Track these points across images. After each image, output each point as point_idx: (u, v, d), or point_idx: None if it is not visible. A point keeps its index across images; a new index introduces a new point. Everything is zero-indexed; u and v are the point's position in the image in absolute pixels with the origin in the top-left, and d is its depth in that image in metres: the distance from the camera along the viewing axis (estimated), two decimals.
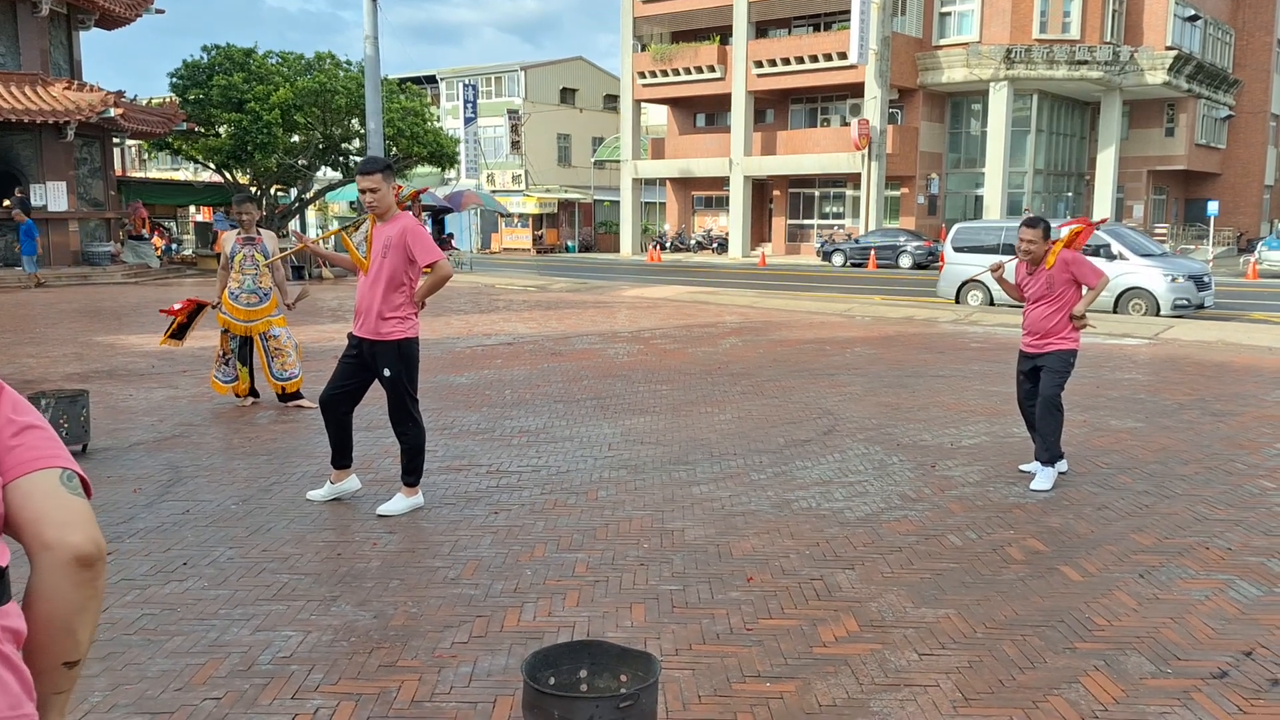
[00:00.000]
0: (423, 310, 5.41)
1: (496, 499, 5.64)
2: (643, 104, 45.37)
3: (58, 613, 1.29)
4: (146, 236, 29.72)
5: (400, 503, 5.34)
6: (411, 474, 5.38)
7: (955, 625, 3.94)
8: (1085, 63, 34.82)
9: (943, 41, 37.64)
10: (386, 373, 5.19)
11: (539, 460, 6.56)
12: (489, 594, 4.24)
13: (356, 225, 5.69)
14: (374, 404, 6.65)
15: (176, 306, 8.58)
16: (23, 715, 1.26)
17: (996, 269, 6.50)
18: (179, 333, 8.62)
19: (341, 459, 5.52)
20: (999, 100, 35.90)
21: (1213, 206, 33.84)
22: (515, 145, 48.15)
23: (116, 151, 33.09)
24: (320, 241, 6.13)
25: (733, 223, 40.97)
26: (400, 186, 5.35)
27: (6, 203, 23.39)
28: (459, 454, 6.72)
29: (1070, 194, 40.70)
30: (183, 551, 4.78)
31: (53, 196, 24.34)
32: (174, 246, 32.87)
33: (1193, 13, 38.23)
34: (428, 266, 5.16)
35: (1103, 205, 37.10)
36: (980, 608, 4.11)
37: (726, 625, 3.94)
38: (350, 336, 5.34)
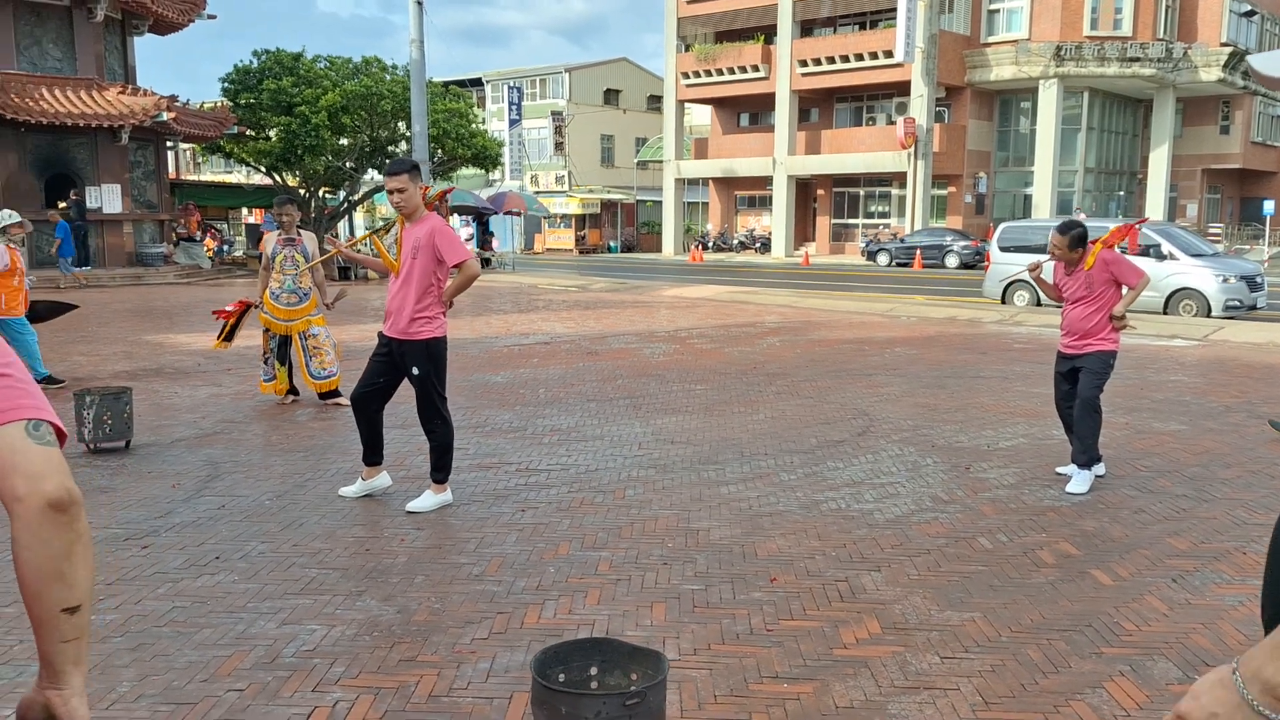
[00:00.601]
0: (450, 310, 5.46)
1: (524, 497, 5.67)
2: (686, 104, 45.33)
3: (42, 560, 1.30)
4: (198, 238, 30.28)
5: (429, 499, 5.39)
6: (440, 471, 5.43)
7: (980, 629, 3.89)
8: (1137, 60, 34.19)
9: (991, 39, 37.16)
10: (415, 371, 5.25)
11: (568, 459, 6.59)
12: (511, 591, 4.26)
13: (387, 228, 5.76)
14: (408, 402, 6.70)
15: (229, 309, 8.72)
16: None
17: (1034, 269, 6.40)
18: (229, 335, 8.77)
19: (373, 456, 5.59)
20: (1049, 98, 35.37)
21: (1269, 205, 33.06)
22: (559, 146, 48.36)
23: (171, 155, 33.78)
24: (354, 246, 6.20)
25: (776, 222, 40.81)
26: (427, 187, 5.40)
27: (63, 204, 23.96)
28: (490, 452, 6.77)
29: (1122, 193, 39.97)
30: (216, 545, 4.86)
31: (108, 199, 24.88)
32: (225, 248, 33.44)
33: (1249, 8, 37.40)
34: (455, 266, 5.20)
35: (1155, 204, 36.40)
36: (1007, 611, 4.05)
37: (747, 625, 3.92)
38: (380, 336, 5.41)
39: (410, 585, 4.34)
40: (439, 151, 29.98)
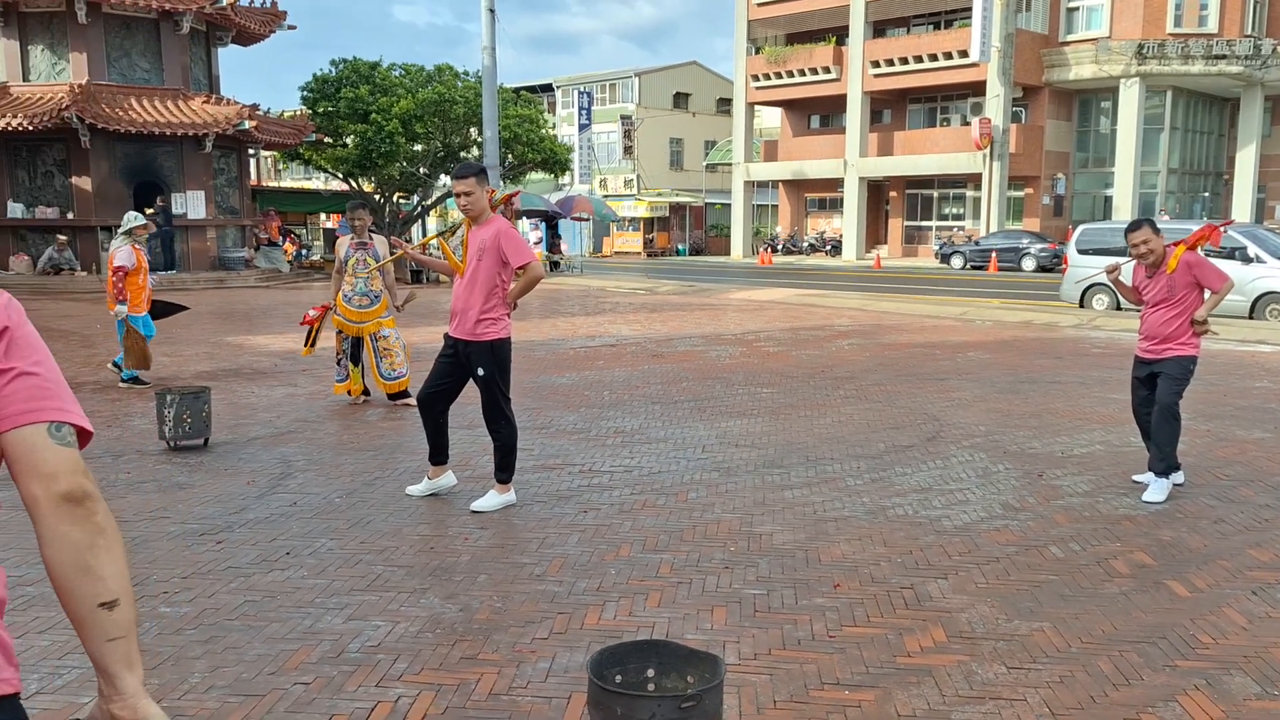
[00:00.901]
0: (516, 311, 5.51)
1: (587, 498, 5.70)
2: (756, 106, 45.15)
3: (66, 555, 1.32)
4: (279, 243, 31.02)
5: (493, 499, 5.45)
6: (504, 471, 5.48)
7: (1049, 639, 3.79)
8: (1223, 57, 33.08)
9: (1070, 37, 36.29)
10: (480, 372, 5.31)
11: (632, 461, 6.60)
12: (572, 591, 4.28)
13: (453, 230, 5.83)
14: (474, 403, 6.78)
15: (312, 314, 8.88)
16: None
17: (1113, 270, 6.24)
18: (314, 340, 8.92)
19: (438, 455, 5.67)
20: (1130, 97, 34.42)
21: None
22: (628, 150, 48.54)
23: (252, 162, 34.69)
24: (421, 249, 6.30)
25: (847, 225, 40.38)
26: (494, 190, 5.47)
27: (151, 210, 24.77)
28: (554, 453, 6.81)
29: (1206, 194, 38.71)
30: (287, 542, 4.98)
31: (192, 205, 25.65)
32: (303, 252, 34.21)
33: None
34: (520, 268, 5.25)
35: (1242, 206, 35.18)
36: (1078, 622, 3.95)
37: (809, 631, 3.88)
38: (446, 337, 5.48)
39: (473, 584, 4.39)
40: (509, 156, 30.31)
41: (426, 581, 4.42)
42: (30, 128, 22.57)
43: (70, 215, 24.27)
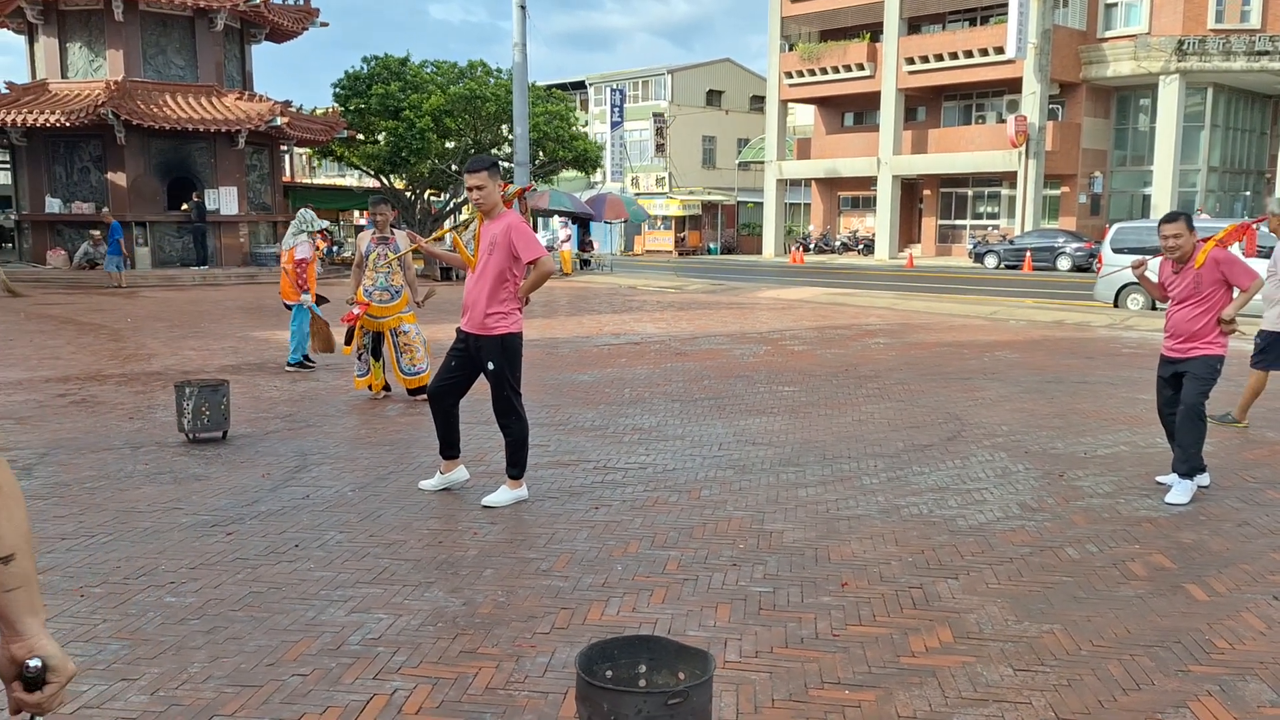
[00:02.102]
0: (529, 306, 5.49)
1: (599, 494, 5.67)
2: (789, 104, 44.91)
3: None
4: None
5: (504, 494, 5.43)
6: (515, 466, 5.47)
7: (1058, 641, 3.71)
8: (1266, 53, 32.45)
9: (1108, 34, 35.77)
10: (490, 366, 5.29)
11: (647, 458, 6.56)
12: (577, 587, 4.25)
13: (466, 225, 5.82)
14: (489, 399, 6.79)
15: (356, 312, 8.78)
16: None
17: (1139, 265, 6.10)
18: (350, 337, 8.87)
19: (449, 450, 5.66)
20: (1169, 94, 33.86)
21: None
22: (660, 148, 48.46)
23: (286, 159, 35.00)
24: (438, 239, 6.29)
25: (880, 224, 40.07)
26: (506, 185, 5.44)
27: (185, 206, 25.08)
28: (569, 449, 6.79)
29: (1248, 193, 38.00)
30: (297, 534, 4.99)
31: (225, 201, 25.94)
32: (335, 248, 34.45)
33: None
34: (530, 263, 5.23)
35: None
36: (1089, 624, 3.86)
37: (812, 630, 3.83)
38: (458, 331, 5.47)
39: (478, 578, 4.37)
40: (540, 154, 30.34)
41: (432, 575, 4.41)
42: (68, 124, 22.92)
43: (105, 210, 24.62)
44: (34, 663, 1.43)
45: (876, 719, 3.15)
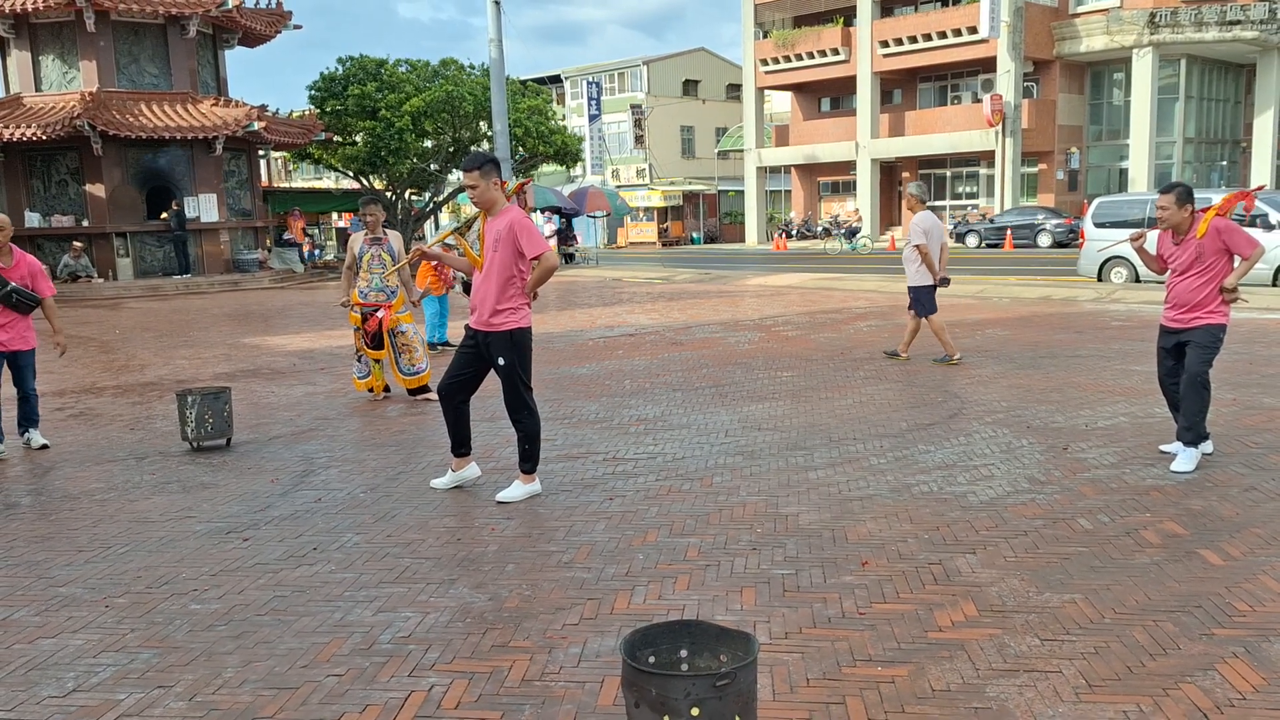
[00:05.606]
0: (535, 301, 5.50)
1: (612, 485, 5.69)
2: (766, 91, 44.93)
3: None
4: (301, 242, 31.03)
5: (518, 489, 5.45)
6: (528, 461, 5.48)
7: (1081, 610, 3.76)
8: (1238, 23, 32.70)
9: (1080, 9, 35.97)
10: (501, 362, 5.30)
11: (655, 448, 6.59)
12: (600, 577, 4.28)
13: (468, 225, 5.82)
14: (497, 395, 6.80)
15: (380, 314, 8.63)
16: None
17: (1137, 238, 6.15)
18: (382, 342, 8.72)
19: (460, 447, 5.66)
20: (1143, 68, 34.09)
21: None
22: (639, 140, 48.42)
23: (263, 163, 34.79)
24: (436, 246, 6.27)
25: (860, 207, 40.15)
26: (505, 181, 5.44)
27: (164, 215, 24.88)
28: (577, 442, 6.81)
29: (1224, 163, 38.32)
30: (314, 537, 4.99)
31: (204, 208, 25.75)
32: (316, 252, 34.27)
33: None
34: (534, 258, 5.23)
35: (1261, 173, 34.78)
36: (1109, 593, 3.92)
37: (839, 609, 3.87)
38: (467, 328, 5.47)
39: (501, 573, 4.39)
40: (520, 149, 30.25)
41: (455, 572, 4.42)
42: (43, 137, 22.70)
43: (85, 223, 24.41)
44: None
45: (912, 694, 3.19)
